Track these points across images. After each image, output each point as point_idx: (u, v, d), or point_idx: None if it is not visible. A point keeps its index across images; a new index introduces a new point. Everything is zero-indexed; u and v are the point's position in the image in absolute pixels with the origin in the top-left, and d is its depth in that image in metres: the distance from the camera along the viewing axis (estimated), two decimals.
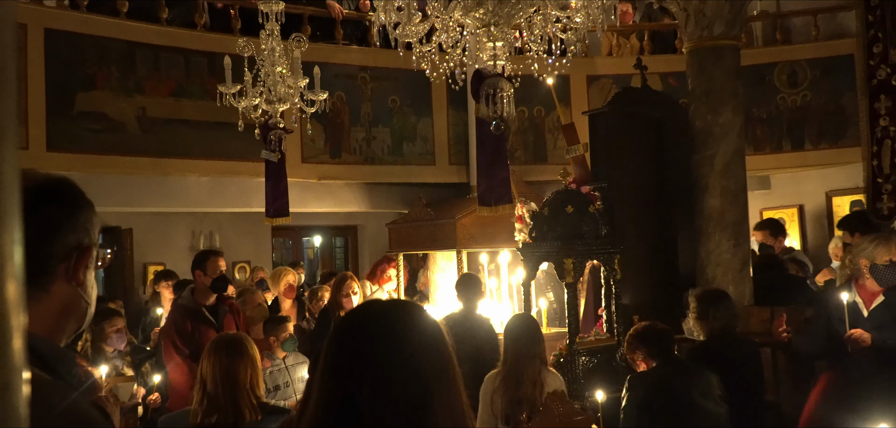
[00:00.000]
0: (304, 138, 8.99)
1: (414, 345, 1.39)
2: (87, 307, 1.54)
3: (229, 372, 3.65)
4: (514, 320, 4.87)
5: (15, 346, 0.59)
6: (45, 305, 1.43)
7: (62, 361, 1.44)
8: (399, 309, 1.49)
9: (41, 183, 1.48)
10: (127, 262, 10.59)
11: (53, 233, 1.45)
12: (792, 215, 11.26)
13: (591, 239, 5.76)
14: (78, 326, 1.55)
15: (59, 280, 1.46)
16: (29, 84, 7.61)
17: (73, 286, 1.48)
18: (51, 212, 1.45)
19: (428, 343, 1.41)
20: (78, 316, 1.53)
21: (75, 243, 1.48)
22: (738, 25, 7.07)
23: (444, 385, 1.39)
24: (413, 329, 1.42)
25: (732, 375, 4.94)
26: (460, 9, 4.54)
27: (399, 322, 1.43)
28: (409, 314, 1.46)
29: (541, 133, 10.38)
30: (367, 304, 1.60)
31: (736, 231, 6.80)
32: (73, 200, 1.52)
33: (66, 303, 1.48)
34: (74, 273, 1.48)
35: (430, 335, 1.43)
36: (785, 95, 10.43)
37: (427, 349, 1.40)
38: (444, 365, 1.40)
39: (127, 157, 8.27)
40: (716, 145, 6.84)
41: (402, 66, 5.42)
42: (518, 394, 4.48)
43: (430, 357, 1.39)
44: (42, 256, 1.43)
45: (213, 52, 8.47)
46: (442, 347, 1.42)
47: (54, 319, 1.46)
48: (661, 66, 9.88)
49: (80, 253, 1.48)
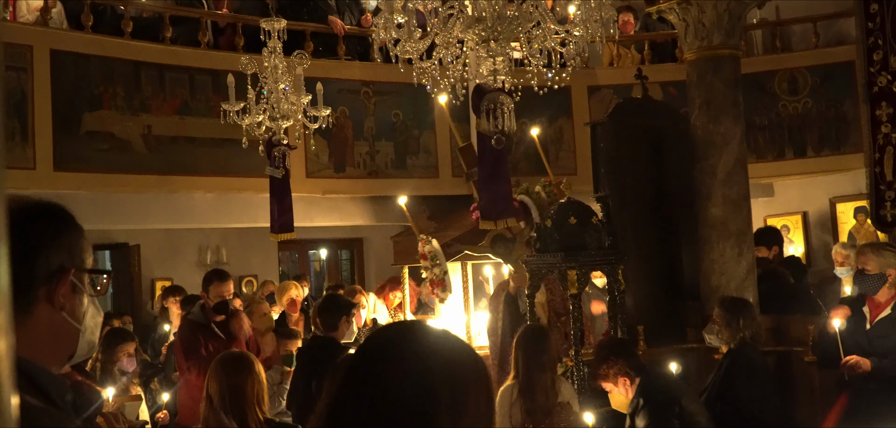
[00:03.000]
0: (308, 154, 9.06)
1: (425, 367, 1.34)
2: (79, 334, 1.52)
3: (236, 388, 3.71)
4: (523, 332, 4.91)
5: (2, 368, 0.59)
6: (30, 328, 1.42)
7: (54, 387, 1.43)
8: (415, 331, 1.45)
9: (25, 205, 1.47)
10: (135, 278, 10.67)
11: (34, 253, 1.44)
12: (796, 222, 11.28)
13: (593, 250, 5.79)
14: (70, 352, 1.53)
15: (41, 303, 1.44)
16: (36, 104, 7.68)
17: (57, 310, 1.46)
18: (33, 232, 1.44)
19: (440, 365, 1.36)
20: (68, 342, 1.51)
21: (58, 265, 1.46)
22: (737, 35, 7.12)
23: (458, 408, 1.34)
24: (428, 350, 1.38)
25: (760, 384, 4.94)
26: (460, 25, 4.60)
27: (413, 344, 1.39)
28: (424, 336, 1.42)
29: (543, 144, 10.41)
30: (386, 327, 1.59)
31: (739, 240, 6.82)
32: (58, 223, 1.51)
33: (51, 327, 1.46)
34: (56, 296, 1.46)
35: (445, 357, 1.38)
36: (786, 103, 10.46)
37: (437, 371, 1.34)
38: (456, 388, 1.35)
39: (134, 176, 8.34)
40: (717, 154, 6.87)
41: (404, 80, 5.47)
42: (533, 404, 4.53)
43: (441, 379, 1.34)
44: (21, 276, 1.40)
45: (217, 69, 8.54)
46: (457, 370, 1.37)
47: (41, 344, 1.43)
48: (661, 76, 9.93)
49: (60, 276, 1.46)
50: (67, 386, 1.50)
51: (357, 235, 12.42)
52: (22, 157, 7.52)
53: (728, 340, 5.20)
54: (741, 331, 5.15)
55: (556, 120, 10.42)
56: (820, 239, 11.11)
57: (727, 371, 5.00)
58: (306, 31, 9.24)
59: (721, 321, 5.24)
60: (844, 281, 7.51)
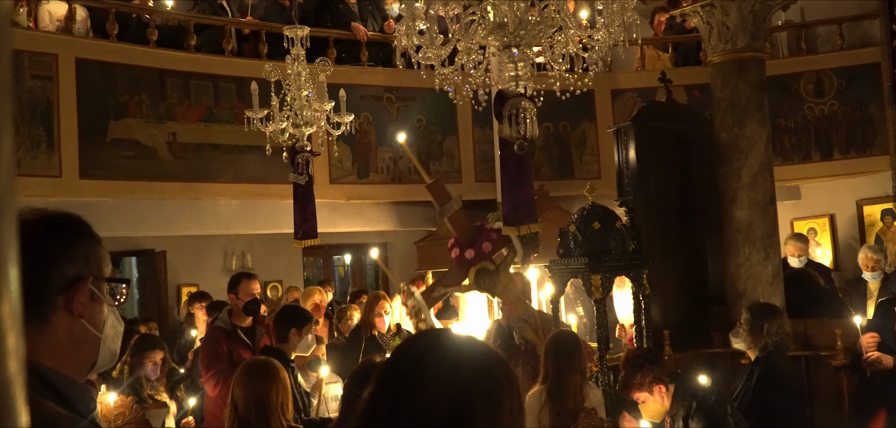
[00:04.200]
0: (331, 160, 9.09)
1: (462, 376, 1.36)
2: (101, 342, 1.53)
3: (260, 396, 3.72)
4: (554, 337, 4.91)
5: (11, 368, 0.59)
6: (49, 336, 1.43)
7: (78, 395, 1.45)
8: (448, 341, 1.46)
9: (40, 216, 1.48)
10: (161, 284, 10.76)
11: (50, 263, 1.45)
12: (823, 225, 11.16)
13: (618, 255, 5.76)
14: (92, 360, 1.54)
15: (59, 311, 1.45)
16: (61, 113, 7.77)
17: (76, 318, 1.48)
18: (47, 242, 1.45)
19: (477, 374, 1.37)
20: (88, 350, 1.52)
21: (74, 274, 1.47)
22: (762, 37, 7.06)
23: (494, 416, 1.35)
24: (464, 359, 1.39)
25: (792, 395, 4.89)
26: (482, 31, 4.60)
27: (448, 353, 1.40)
28: (457, 345, 1.43)
29: (566, 148, 10.40)
30: (417, 337, 1.60)
31: (765, 243, 6.76)
32: (74, 232, 1.52)
33: (71, 335, 1.47)
34: (74, 304, 1.47)
35: (481, 365, 1.39)
36: (812, 105, 10.36)
37: (474, 380, 1.36)
38: (492, 395, 1.36)
39: (159, 183, 8.41)
40: (742, 158, 6.81)
41: (427, 86, 5.47)
42: (562, 408, 4.53)
43: (478, 387, 1.35)
44: (37, 286, 1.42)
45: (241, 76, 8.60)
46: (492, 378, 1.38)
47: (62, 352, 1.45)
48: (685, 79, 9.87)
49: (78, 284, 1.47)
50: (92, 395, 1.52)
51: (381, 240, 12.45)
52: (48, 165, 7.61)
53: (752, 346, 5.15)
54: (766, 337, 5.10)
55: (580, 124, 10.39)
56: (847, 242, 10.98)
57: (759, 382, 4.94)
58: (329, 38, 9.28)
59: (746, 326, 5.19)
60: (872, 285, 7.43)
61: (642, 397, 4.48)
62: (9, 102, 0.59)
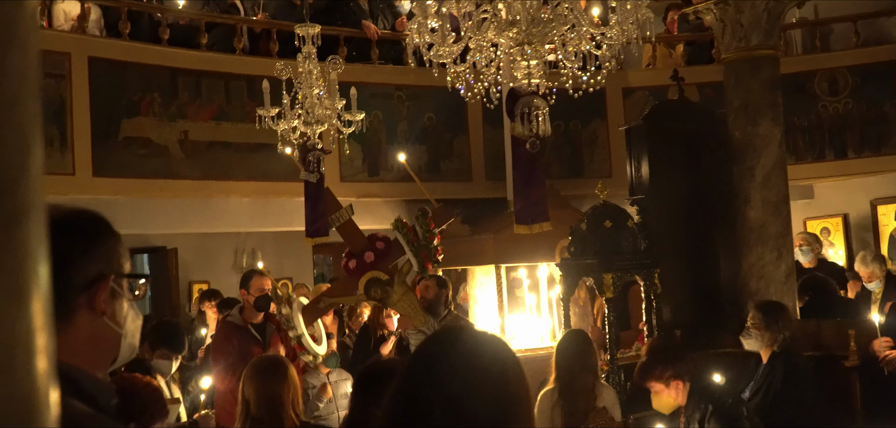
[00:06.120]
0: (342, 158, 9.09)
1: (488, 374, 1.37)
2: (121, 338, 1.55)
3: (271, 393, 3.73)
4: (566, 337, 4.92)
5: (42, 367, 0.60)
6: (71, 336, 1.43)
7: (100, 391, 1.46)
8: (474, 339, 1.47)
9: (59, 215, 1.47)
10: (173, 281, 10.80)
11: (70, 263, 1.45)
12: (836, 225, 11.09)
13: (629, 254, 5.75)
14: (113, 356, 1.56)
15: (81, 310, 1.46)
16: (74, 112, 7.79)
17: (98, 316, 1.49)
18: (68, 242, 1.45)
19: (499, 371, 1.38)
20: (110, 347, 1.53)
21: (96, 273, 1.48)
22: (776, 35, 7.02)
23: (527, 411, 1.38)
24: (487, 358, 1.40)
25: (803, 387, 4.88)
26: (494, 29, 4.58)
27: (474, 349, 1.41)
28: (484, 342, 1.45)
29: (577, 147, 10.37)
30: (442, 331, 1.60)
31: (778, 243, 6.73)
32: (93, 231, 1.53)
33: (92, 333, 1.48)
34: (96, 302, 1.48)
35: (502, 363, 1.40)
36: (826, 104, 10.29)
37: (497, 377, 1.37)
38: (512, 394, 1.38)
39: (171, 181, 8.43)
40: (755, 157, 6.78)
41: (437, 84, 5.46)
42: (574, 407, 4.53)
43: (500, 385, 1.36)
44: (58, 286, 1.43)
45: (253, 75, 8.60)
46: (510, 377, 1.39)
47: (84, 350, 1.46)
48: (697, 77, 9.81)
49: (100, 283, 1.49)
50: (113, 390, 1.54)
51: (392, 237, 12.43)
52: (61, 163, 7.63)
53: (768, 344, 5.13)
54: (781, 332, 5.10)
55: (591, 122, 10.35)
56: (861, 242, 10.90)
57: (786, 377, 4.93)
58: (340, 36, 9.28)
59: (760, 324, 5.17)
60: (875, 294, 7.25)
61: (657, 388, 4.47)
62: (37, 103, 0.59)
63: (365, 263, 5.56)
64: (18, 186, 0.58)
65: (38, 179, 0.60)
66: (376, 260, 5.54)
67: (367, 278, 5.51)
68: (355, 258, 5.64)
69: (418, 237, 5.57)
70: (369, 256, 5.56)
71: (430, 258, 5.64)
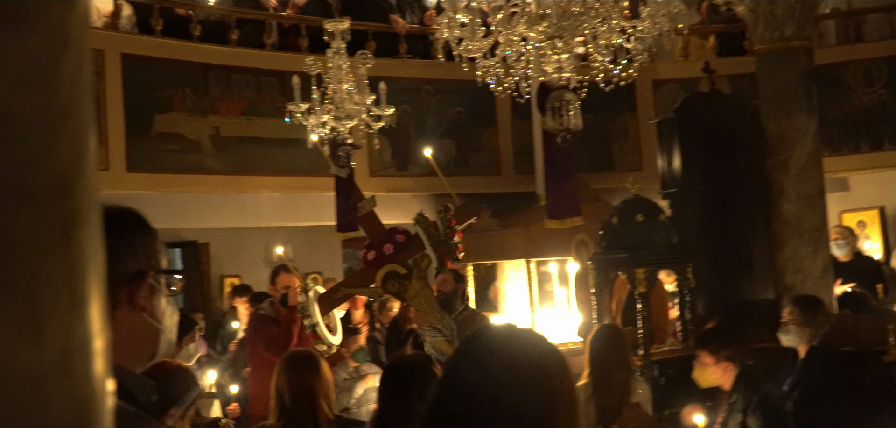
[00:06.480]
0: (371, 152, 9.10)
1: (531, 370, 1.38)
2: (160, 333, 1.57)
3: (305, 387, 3.75)
4: (599, 331, 4.91)
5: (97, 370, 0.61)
6: (113, 332, 1.44)
7: (140, 388, 1.48)
8: (517, 335, 1.48)
9: None
10: (205, 275, 10.91)
11: (112, 259, 1.46)
12: (873, 218, 10.92)
13: (661, 248, 5.71)
14: (152, 352, 1.58)
15: (122, 307, 1.49)
16: (108, 108, 7.87)
17: (138, 311, 1.51)
18: (109, 238, 1.46)
19: (542, 367, 1.39)
20: (150, 342, 1.56)
21: (135, 270, 1.51)
22: (810, 26, 6.92)
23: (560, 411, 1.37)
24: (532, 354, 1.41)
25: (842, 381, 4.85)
26: (523, 23, 4.56)
27: (517, 346, 1.42)
28: (527, 339, 1.46)
29: (607, 140, 10.30)
30: (485, 328, 1.62)
31: (814, 237, 6.64)
32: (133, 227, 1.55)
33: (133, 329, 1.51)
34: (136, 298, 1.50)
35: (544, 358, 1.41)
36: (860, 95, 10.13)
37: (539, 373, 1.38)
38: (555, 390, 1.38)
39: (202, 176, 8.51)
40: (790, 149, 6.69)
41: (466, 78, 5.44)
42: (607, 401, 4.52)
43: (543, 381, 1.37)
44: None
45: (283, 70, 8.65)
46: (552, 372, 1.40)
47: (125, 346, 1.47)
48: (728, 69, 9.69)
49: (140, 279, 1.51)
50: (152, 387, 1.56)
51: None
52: (96, 159, 7.72)
53: (808, 338, 5.06)
54: (820, 326, 5.06)
55: (621, 115, 10.27)
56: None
57: (825, 371, 4.89)
58: (368, 31, 9.29)
59: (798, 319, 5.10)
60: None
61: (707, 361, 4.51)
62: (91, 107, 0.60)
63: (383, 254, 5.55)
64: (75, 192, 0.58)
65: (93, 184, 0.61)
66: (395, 253, 5.53)
67: (385, 271, 5.48)
68: (374, 250, 5.64)
69: (439, 232, 5.56)
70: (389, 249, 5.54)
71: (449, 255, 5.62)
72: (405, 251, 5.52)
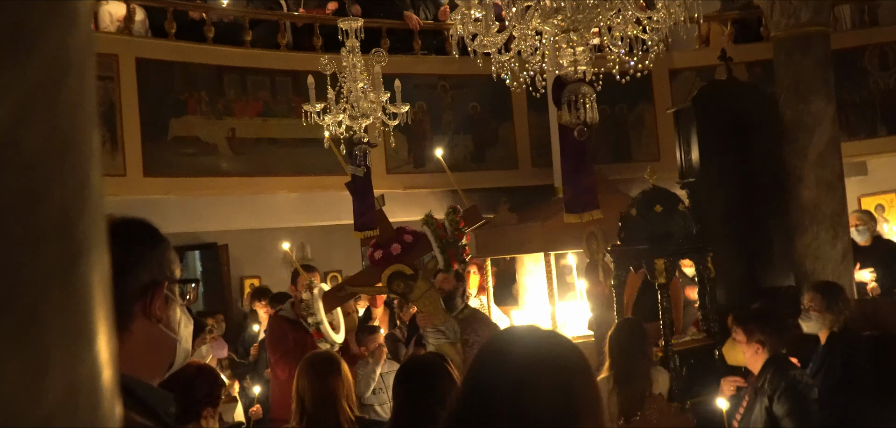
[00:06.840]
0: (388, 150, 9.10)
1: (554, 371, 1.37)
2: (176, 343, 1.56)
3: (327, 389, 3.75)
4: (619, 325, 4.91)
5: (105, 378, 0.60)
6: (129, 345, 1.44)
7: (159, 401, 1.47)
8: (539, 336, 1.47)
9: (112, 223, 1.46)
10: (224, 277, 10.97)
11: (125, 271, 1.46)
12: (891, 201, 10.83)
13: (681, 238, 5.66)
14: (169, 362, 1.57)
15: (137, 318, 1.48)
16: (124, 113, 7.91)
17: (154, 322, 1.50)
18: (122, 250, 1.43)
19: (567, 369, 1.38)
20: (166, 352, 1.55)
21: (149, 280, 1.50)
22: (826, 11, 6.84)
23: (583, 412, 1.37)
24: (555, 355, 1.40)
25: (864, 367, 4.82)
26: (538, 16, 4.53)
27: (539, 348, 1.42)
28: (548, 340, 1.45)
29: (624, 131, 10.24)
30: (508, 329, 1.61)
31: (834, 222, 6.58)
32: (145, 238, 1.55)
33: (149, 341, 1.50)
34: (151, 309, 1.50)
35: (570, 361, 1.40)
36: (877, 79, 10.03)
37: (562, 375, 1.37)
38: (578, 393, 1.37)
39: (219, 179, 8.53)
40: (808, 135, 6.63)
41: (481, 73, 5.42)
42: (629, 392, 4.51)
43: (565, 383, 1.37)
44: (116, 294, 1.43)
45: (297, 70, 8.65)
46: (575, 374, 1.39)
47: (141, 358, 1.47)
48: (745, 56, 9.60)
49: (154, 289, 1.51)
50: (171, 398, 1.54)
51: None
52: (112, 164, 7.75)
53: (829, 324, 5.02)
54: (841, 312, 5.02)
55: (637, 105, 10.21)
56: None
57: (851, 356, 4.86)
58: (382, 28, 9.28)
59: (820, 306, 5.06)
60: None
61: (740, 338, 4.51)
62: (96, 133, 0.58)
63: (391, 254, 5.54)
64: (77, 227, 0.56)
65: (97, 215, 0.59)
66: (403, 253, 5.52)
67: (391, 271, 5.47)
68: (382, 249, 5.63)
69: (447, 234, 5.54)
70: (396, 248, 5.54)
71: (456, 257, 5.61)
72: (413, 252, 5.52)
